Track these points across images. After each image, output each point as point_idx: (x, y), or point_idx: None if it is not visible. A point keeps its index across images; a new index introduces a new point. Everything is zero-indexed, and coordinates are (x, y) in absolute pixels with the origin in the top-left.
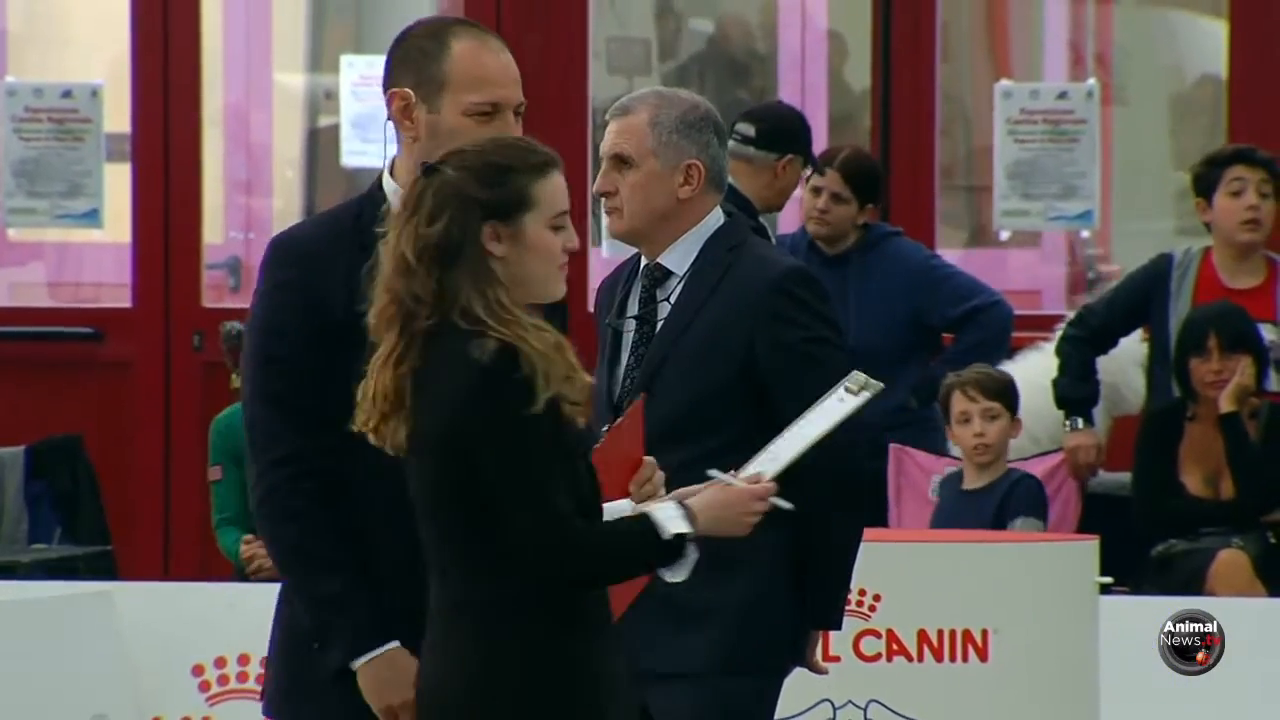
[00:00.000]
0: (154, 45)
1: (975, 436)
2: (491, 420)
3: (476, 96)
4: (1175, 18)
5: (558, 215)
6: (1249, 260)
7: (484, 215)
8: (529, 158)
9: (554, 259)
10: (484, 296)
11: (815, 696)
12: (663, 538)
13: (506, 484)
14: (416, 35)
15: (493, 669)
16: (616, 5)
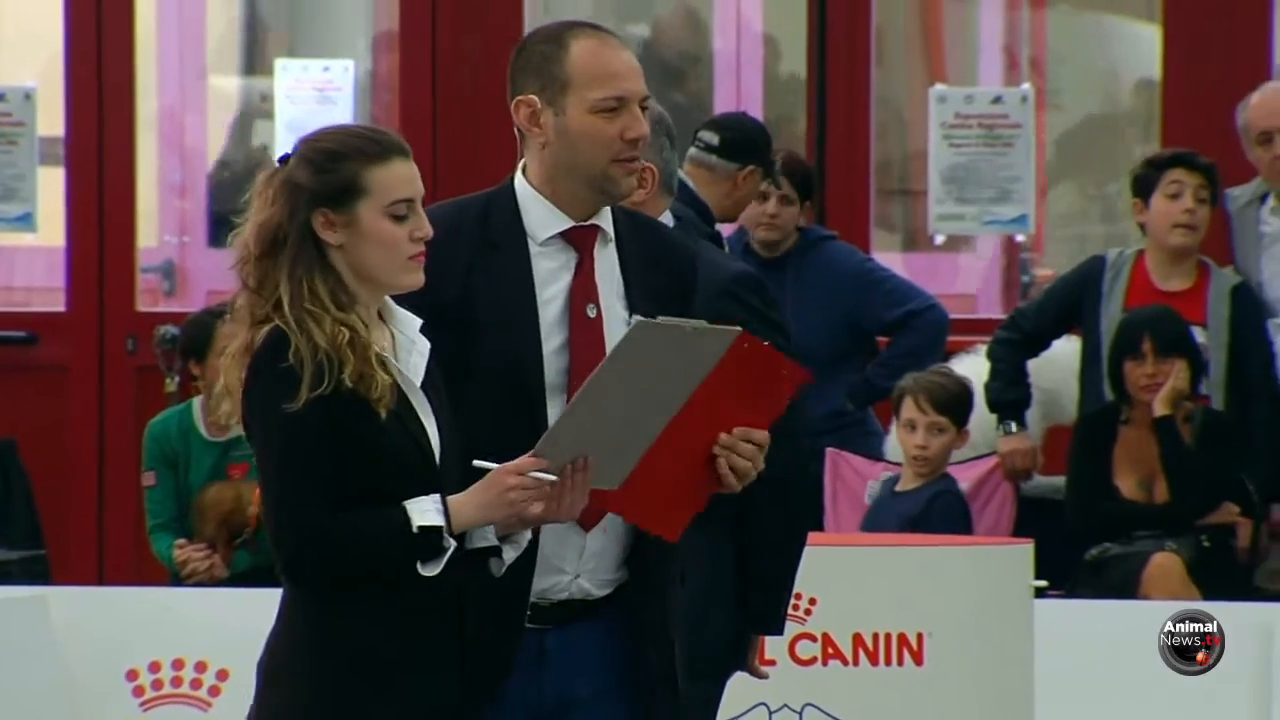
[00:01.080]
0: (87, 48)
1: (917, 448)
2: (255, 408)
3: (600, 92)
4: (1109, 22)
5: (395, 203)
6: (1182, 264)
7: (313, 203)
8: (363, 144)
9: (396, 248)
10: (298, 284)
11: (752, 700)
12: (413, 527)
13: (262, 470)
14: (535, 41)
15: (279, 642)
16: (552, 9)
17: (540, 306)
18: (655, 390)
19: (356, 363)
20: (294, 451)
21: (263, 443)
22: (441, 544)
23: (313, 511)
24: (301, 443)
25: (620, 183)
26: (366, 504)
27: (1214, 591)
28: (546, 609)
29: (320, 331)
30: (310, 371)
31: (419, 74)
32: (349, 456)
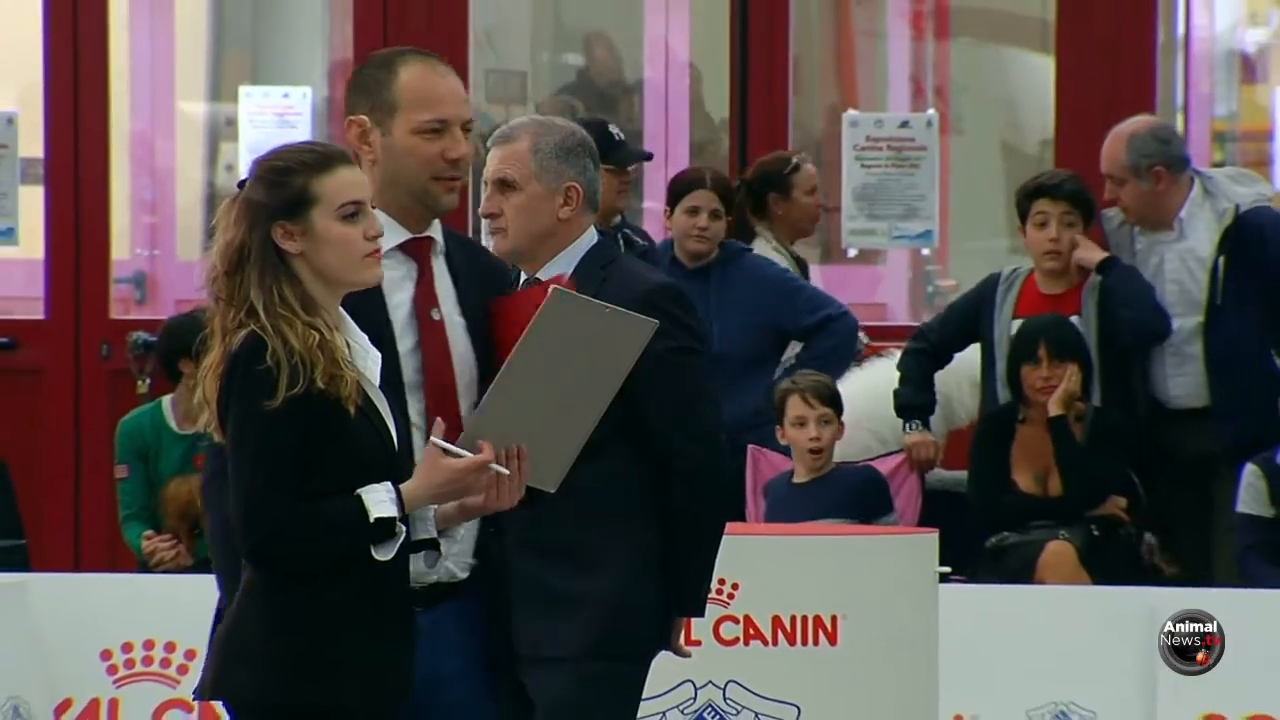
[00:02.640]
0: (65, 76)
1: (811, 440)
2: (231, 406)
3: (425, 115)
4: (1007, 53)
5: (344, 205)
6: (1059, 278)
7: (271, 216)
8: (308, 157)
9: (351, 248)
10: (269, 293)
11: (679, 678)
12: (370, 517)
13: (233, 464)
14: (368, 66)
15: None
16: (494, 40)
17: (390, 311)
18: (579, 376)
19: (326, 364)
20: (267, 448)
21: (237, 439)
22: (394, 530)
23: (279, 505)
24: (275, 440)
25: (441, 199)
26: (330, 494)
27: (1103, 577)
28: (419, 591)
29: (293, 335)
30: (286, 373)
31: None
32: (320, 451)
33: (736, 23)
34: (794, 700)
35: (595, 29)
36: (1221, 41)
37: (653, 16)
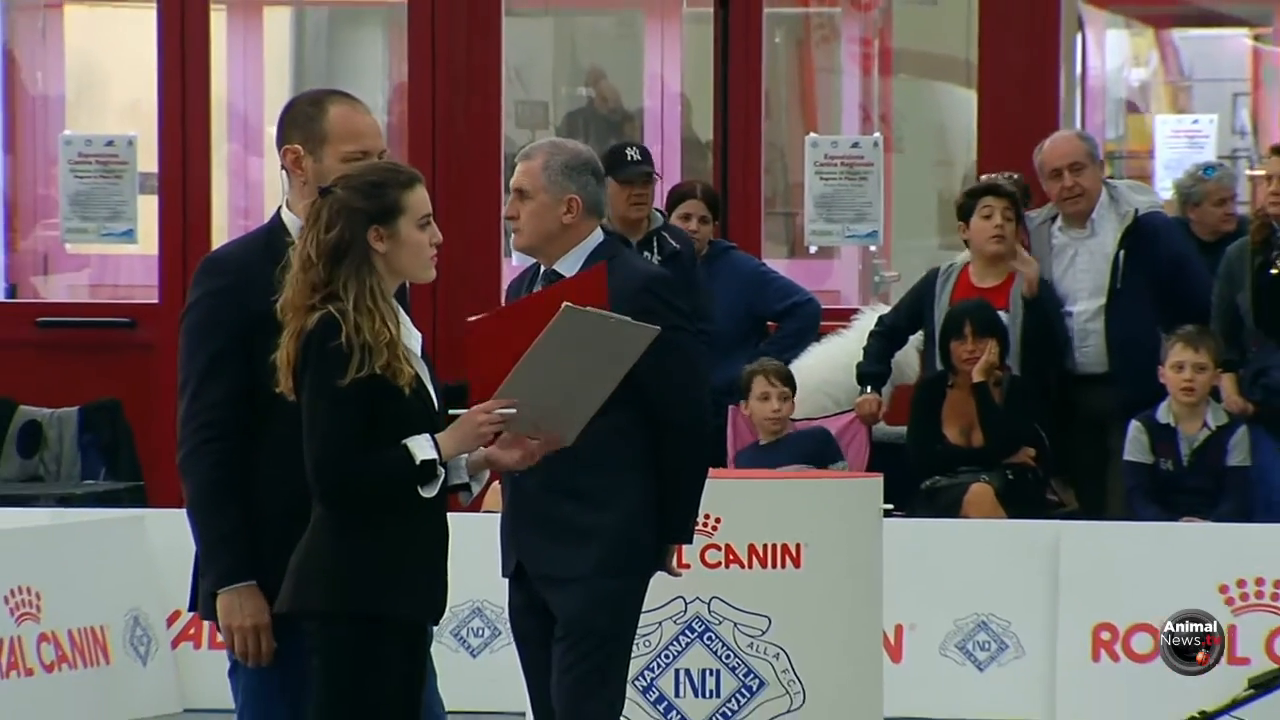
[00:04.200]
0: (174, 106)
1: (774, 412)
2: (306, 376)
3: (351, 146)
4: (938, 87)
5: (423, 217)
6: (995, 267)
7: (369, 221)
8: (398, 175)
9: (423, 251)
10: (363, 284)
11: (672, 594)
12: (415, 461)
13: (308, 422)
14: (301, 103)
15: (313, 546)
16: (522, 76)
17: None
18: (589, 367)
19: (389, 357)
20: (335, 415)
21: (311, 407)
22: (436, 472)
23: (345, 460)
24: (342, 411)
25: None
26: (383, 446)
27: (1015, 512)
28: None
29: (369, 326)
30: (355, 357)
31: (422, 124)
32: (378, 419)
33: (719, 62)
34: (765, 612)
35: (602, 67)
36: (1111, 79)
37: (650, 56)
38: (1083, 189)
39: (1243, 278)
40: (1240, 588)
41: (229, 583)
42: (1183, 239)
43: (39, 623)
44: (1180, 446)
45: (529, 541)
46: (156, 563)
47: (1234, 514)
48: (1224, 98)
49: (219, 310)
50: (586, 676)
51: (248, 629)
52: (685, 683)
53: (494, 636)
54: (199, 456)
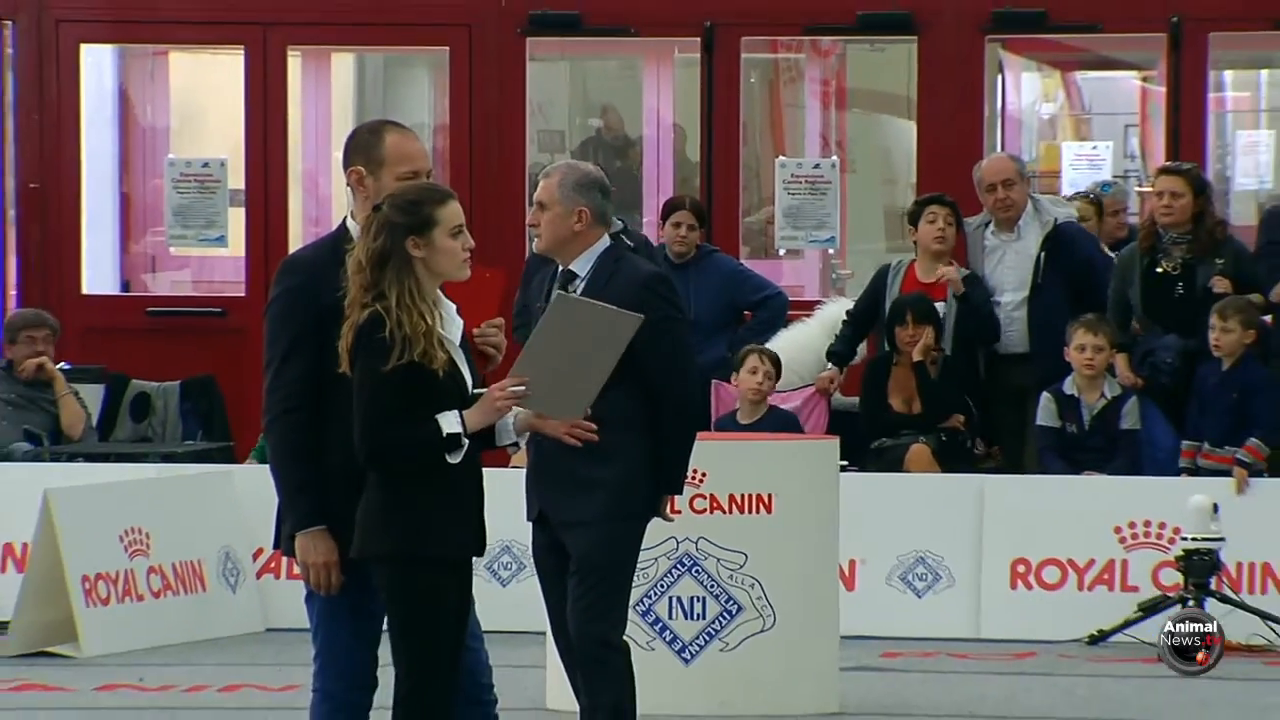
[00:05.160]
0: (257, 133)
1: (758, 384)
2: (356, 362)
3: (404, 167)
4: (884, 119)
5: (454, 228)
6: (936, 266)
7: (406, 233)
8: (433, 194)
9: (456, 255)
10: (403, 285)
11: (665, 535)
12: (443, 434)
13: (356, 403)
14: (362, 132)
15: (374, 501)
16: (543, 109)
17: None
18: (587, 348)
19: (425, 345)
20: (378, 395)
21: (360, 386)
22: (461, 440)
23: (385, 431)
24: (382, 390)
25: None
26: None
27: (947, 467)
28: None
29: (409, 320)
30: (397, 347)
31: (461, 149)
32: (415, 396)
33: (705, 98)
34: (743, 550)
35: (609, 102)
36: (1025, 113)
37: (648, 93)
38: (1013, 200)
39: (1133, 275)
40: (1131, 529)
41: (305, 527)
42: (1092, 244)
43: (148, 557)
44: (1083, 413)
45: (548, 492)
46: (243, 508)
47: (1126, 468)
48: (1118, 128)
49: (295, 304)
50: (596, 603)
51: (320, 565)
52: (677, 607)
53: (520, 570)
54: (280, 423)
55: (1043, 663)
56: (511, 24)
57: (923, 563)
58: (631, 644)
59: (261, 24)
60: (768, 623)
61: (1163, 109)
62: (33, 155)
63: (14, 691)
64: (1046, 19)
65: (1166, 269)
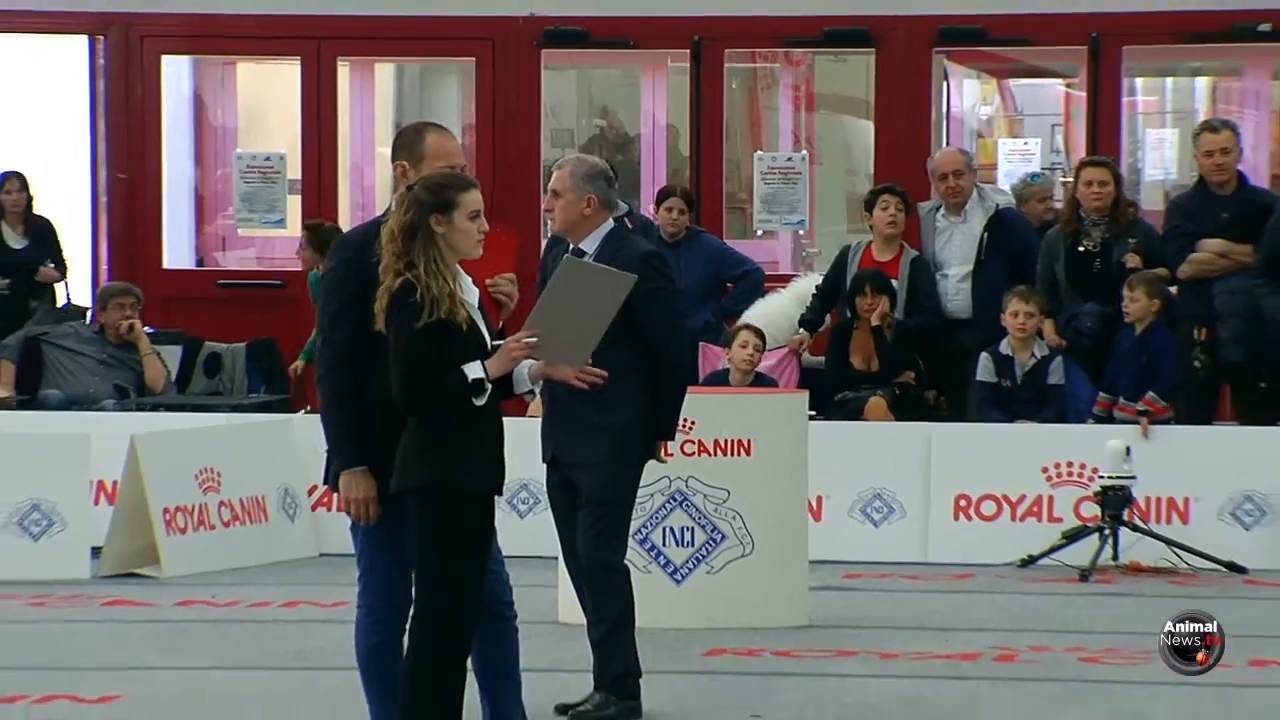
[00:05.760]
0: (312, 130)
1: (749, 356)
2: (392, 320)
3: (441, 162)
4: (847, 119)
5: (473, 212)
6: (890, 246)
7: (431, 211)
8: (457, 181)
9: (471, 236)
10: (428, 254)
11: (660, 474)
12: (468, 381)
13: (393, 357)
14: (407, 131)
15: (410, 443)
16: (555, 112)
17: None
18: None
19: (450, 304)
20: (413, 349)
21: (396, 342)
22: (484, 386)
23: (416, 379)
24: (417, 345)
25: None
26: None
27: (900, 416)
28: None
29: (436, 284)
30: (427, 307)
31: (485, 145)
32: (444, 349)
33: (693, 102)
34: (726, 487)
35: (611, 104)
36: (967, 114)
37: (645, 98)
38: (961, 188)
39: (1058, 253)
40: (1056, 469)
41: (348, 467)
42: (1028, 228)
43: (219, 493)
44: (1016, 370)
45: (560, 437)
46: (299, 451)
47: (1052, 418)
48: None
49: (345, 276)
50: (602, 533)
51: (360, 500)
52: (669, 536)
53: (536, 504)
54: (330, 378)
55: (981, 582)
56: (529, 38)
57: (879, 498)
58: (631, 567)
59: (316, 38)
60: (747, 549)
61: (1083, 111)
62: (121, 150)
63: (107, 606)
64: (985, 34)
65: (1087, 247)
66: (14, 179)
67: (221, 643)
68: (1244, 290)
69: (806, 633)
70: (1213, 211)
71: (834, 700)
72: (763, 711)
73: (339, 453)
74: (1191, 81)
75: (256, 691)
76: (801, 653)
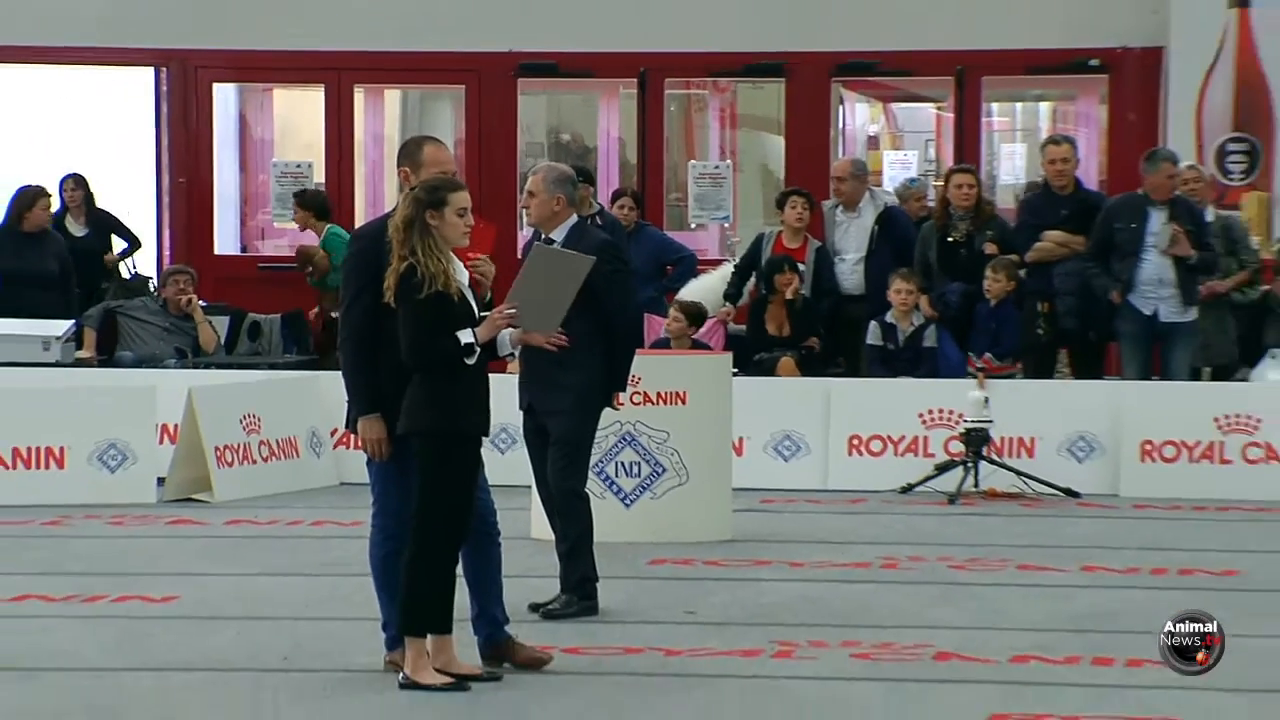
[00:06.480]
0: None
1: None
2: (400, 297)
3: (437, 169)
4: (763, 135)
5: (460, 209)
6: (797, 237)
7: (427, 207)
8: (448, 184)
9: (458, 229)
10: (424, 242)
11: (614, 419)
12: (461, 344)
13: (402, 325)
14: (410, 143)
15: (414, 394)
16: (529, 128)
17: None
18: (557, 283)
19: (445, 280)
20: (419, 318)
21: (404, 314)
22: (474, 348)
23: (425, 343)
24: (420, 315)
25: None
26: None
27: (806, 373)
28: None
29: (433, 264)
30: (428, 282)
31: (472, 156)
32: (442, 319)
33: (640, 120)
34: (666, 429)
35: (574, 123)
36: (859, 131)
37: (602, 117)
38: (851, 189)
39: (932, 242)
40: (930, 414)
41: (364, 413)
42: (909, 222)
43: (259, 434)
44: (898, 336)
45: (534, 390)
46: (325, 401)
47: (927, 374)
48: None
49: (361, 262)
50: (567, 466)
51: (374, 440)
52: (621, 469)
53: (514, 443)
54: (349, 343)
55: (871, 506)
56: (508, 70)
57: (788, 438)
58: (590, 494)
59: (337, 69)
60: (683, 479)
61: (951, 129)
62: (180, 159)
63: (169, 525)
64: (873, 67)
65: (955, 238)
66: (72, 179)
67: (262, 554)
68: (1078, 272)
69: (730, 546)
70: (1054, 209)
71: (753, 600)
72: (695, 608)
73: (357, 402)
74: (1037, 105)
75: (290, 592)
76: (726, 562)
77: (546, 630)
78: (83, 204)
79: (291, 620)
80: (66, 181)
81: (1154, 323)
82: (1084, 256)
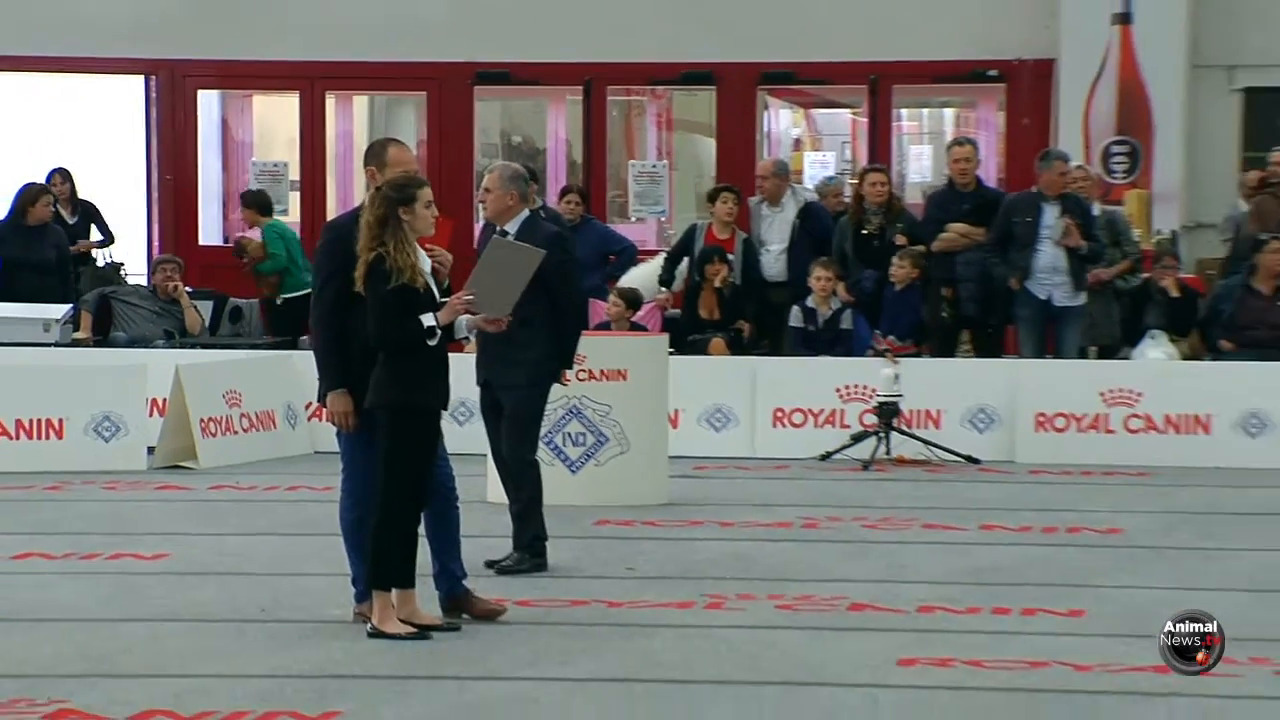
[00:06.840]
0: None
1: (620, 314)
2: (369, 287)
3: (400, 168)
4: (697, 137)
5: (427, 202)
6: (726, 229)
7: (397, 203)
8: (415, 181)
9: (427, 220)
10: (396, 236)
11: (562, 394)
12: (424, 327)
13: (369, 311)
14: (376, 144)
15: (380, 372)
16: (486, 131)
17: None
18: (510, 273)
19: (411, 273)
20: (385, 305)
21: (372, 300)
22: (435, 331)
23: (391, 327)
24: (386, 303)
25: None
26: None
27: (735, 353)
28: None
29: (401, 258)
30: (395, 274)
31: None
32: (406, 305)
33: (585, 124)
34: (609, 403)
35: (523, 126)
36: (783, 134)
37: (550, 121)
38: (774, 186)
39: (848, 234)
40: (847, 389)
41: (333, 388)
42: (827, 216)
43: (240, 407)
44: (818, 319)
45: (490, 367)
46: (300, 378)
47: (843, 353)
48: (838, 144)
49: (332, 250)
50: (520, 436)
51: (342, 414)
52: (568, 439)
53: (471, 416)
54: (320, 325)
55: (793, 472)
56: (465, 78)
57: (719, 411)
58: (541, 462)
59: (310, 77)
60: (625, 448)
61: (865, 132)
62: (167, 159)
63: (158, 489)
64: (795, 76)
65: (869, 230)
66: (59, 173)
67: (242, 516)
68: (978, 261)
69: (667, 509)
70: (957, 204)
71: (687, 557)
72: (635, 565)
73: (326, 378)
74: (942, 111)
75: (268, 550)
76: (663, 523)
77: (500, 584)
78: (70, 195)
79: (269, 576)
80: (54, 176)
81: (1048, 306)
82: (985, 247)
